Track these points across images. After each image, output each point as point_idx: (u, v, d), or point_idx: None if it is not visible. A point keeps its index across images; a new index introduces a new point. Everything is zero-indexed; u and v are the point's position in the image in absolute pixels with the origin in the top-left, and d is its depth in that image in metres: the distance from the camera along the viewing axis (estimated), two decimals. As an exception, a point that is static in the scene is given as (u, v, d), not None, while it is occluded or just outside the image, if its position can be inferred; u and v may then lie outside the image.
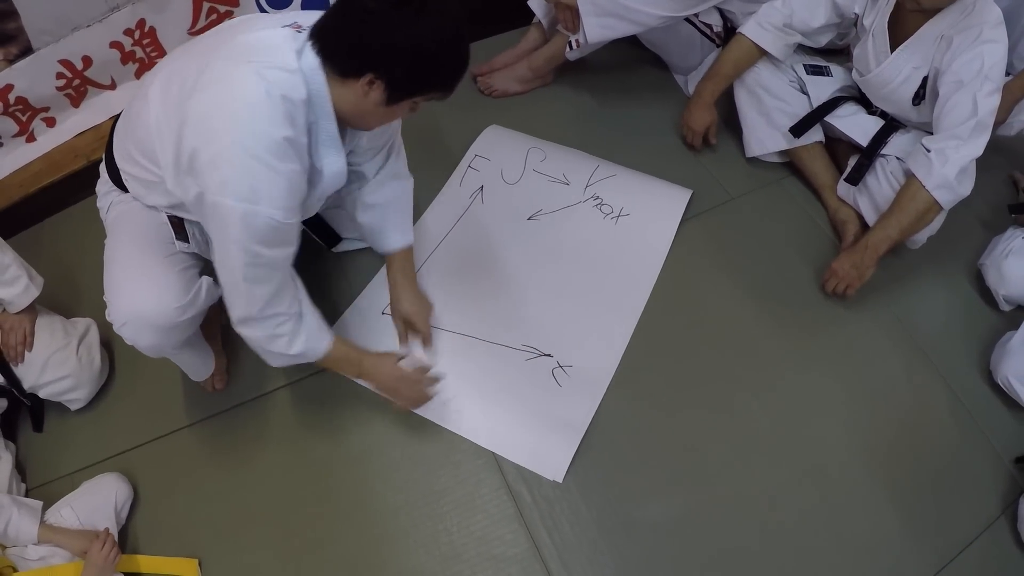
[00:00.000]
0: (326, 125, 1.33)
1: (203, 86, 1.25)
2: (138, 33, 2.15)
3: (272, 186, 1.25)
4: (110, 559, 1.55)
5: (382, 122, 1.42)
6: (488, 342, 1.89)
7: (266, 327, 1.43)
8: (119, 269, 1.51)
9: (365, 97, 1.29)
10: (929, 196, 1.82)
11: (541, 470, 1.73)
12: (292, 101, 1.25)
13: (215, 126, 1.23)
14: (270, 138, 1.23)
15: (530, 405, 1.79)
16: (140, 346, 1.51)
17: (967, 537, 1.72)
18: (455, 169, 2.21)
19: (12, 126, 2.11)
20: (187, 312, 1.50)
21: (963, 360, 1.96)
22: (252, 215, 1.24)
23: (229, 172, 1.23)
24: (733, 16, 2.26)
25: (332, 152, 1.38)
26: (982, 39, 1.77)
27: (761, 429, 1.81)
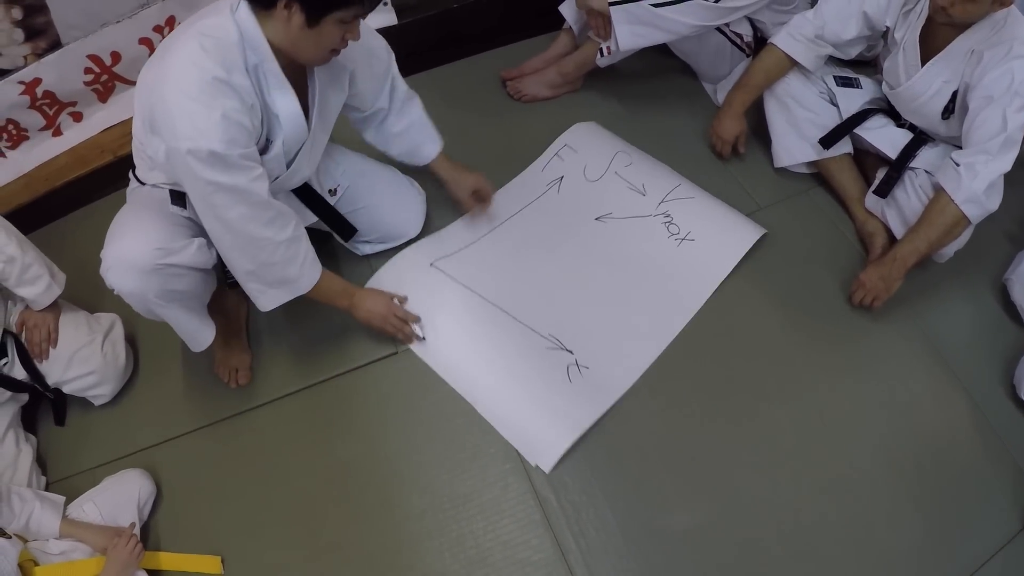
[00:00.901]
0: (269, 66, 1.41)
1: (154, 59, 1.43)
2: (167, 30, 2.16)
3: (207, 120, 1.33)
4: (134, 555, 1.55)
5: (320, 50, 1.42)
6: (517, 321, 1.91)
7: (256, 254, 1.52)
8: (114, 226, 1.56)
9: (289, 24, 1.35)
10: (958, 210, 1.82)
11: (527, 453, 1.75)
12: (223, 43, 1.35)
13: (161, 85, 1.35)
14: (201, 79, 1.33)
15: (535, 390, 1.82)
16: (124, 292, 1.53)
17: (988, 551, 1.71)
18: (542, 154, 2.25)
19: (39, 120, 2.12)
20: (168, 257, 1.50)
21: (987, 375, 1.95)
22: (197, 150, 1.34)
23: (175, 117, 1.34)
24: (764, 26, 2.27)
25: (283, 93, 1.45)
26: (1012, 55, 1.78)
27: (786, 439, 1.81)
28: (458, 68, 2.41)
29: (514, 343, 1.88)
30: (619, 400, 1.82)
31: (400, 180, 2.01)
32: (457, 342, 1.89)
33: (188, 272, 1.56)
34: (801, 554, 1.66)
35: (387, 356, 1.89)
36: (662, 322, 1.95)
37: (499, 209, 2.11)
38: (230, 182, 1.39)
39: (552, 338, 1.89)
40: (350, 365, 1.88)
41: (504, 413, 1.80)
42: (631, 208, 2.13)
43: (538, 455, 1.74)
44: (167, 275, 1.52)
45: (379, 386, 1.84)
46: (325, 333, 1.91)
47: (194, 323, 1.70)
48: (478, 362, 1.86)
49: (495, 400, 1.81)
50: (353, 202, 1.90)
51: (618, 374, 1.86)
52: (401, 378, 1.86)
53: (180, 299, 1.61)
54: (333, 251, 2.02)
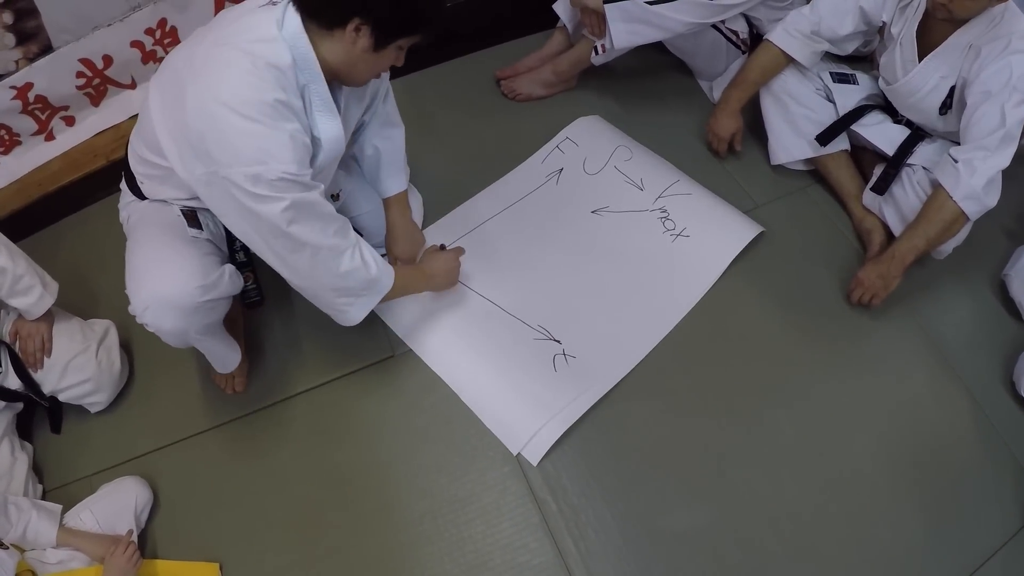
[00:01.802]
0: (317, 88, 1.36)
1: (195, 74, 1.30)
2: (159, 32, 2.14)
3: (276, 143, 1.29)
4: (131, 563, 1.54)
5: (372, 72, 1.42)
6: (506, 312, 1.92)
7: (336, 264, 1.46)
8: (139, 259, 1.51)
9: (353, 46, 1.31)
10: (956, 207, 1.81)
11: (509, 443, 1.76)
12: (278, 67, 1.29)
13: (212, 107, 1.26)
14: (263, 102, 1.27)
15: (518, 379, 1.82)
16: (163, 330, 1.49)
17: (989, 549, 1.71)
18: (543, 146, 2.25)
19: (31, 124, 2.10)
20: (209, 293, 1.48)
21: (987, 371, 1.95)
22: (268, 173, 1.28)
23: (236, 142, 1.27)
24: (759, 23, 2.26)
25: (327, 116, 1.41)
26: (1011, 50, 1.76)
27: (785, 438, 1.80)
28: (452, 67, 2.39)
29: (502, 333, 1.89)
30: (616, 400, 1.82)
31: None
32: (445, 332, 1.90)
33: (223, 301, 1.57)
34: (802, 554, 1.66)
35: (383, 359, 1.88)
36: (655, 317, 1.95)
37: (496, 199, 2.12)
38: (307, 199, 1.35)
39: (541, 329, 1.90)
40: (346, 369, 1.87)
41: (486, 401, 1.81)
42: (628, 202, 2.13)
43: (520, 444, 1.75)
44: (207, 310, 1.51)
45: (376, 390, 1.83)
46: (320, 338, 1.91)
47: (224, 347, 1.72)
48: (464, 351, 1.87)
49: (478, 389, 1.83)
50: (354, 208, 1.89)
51: (607, 365, 1.86)
52: (397, 381, 1.85)
53: (215, 328, 1.62)
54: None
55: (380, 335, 1.91)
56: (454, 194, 2.15)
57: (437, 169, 2.16)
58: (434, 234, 2.04)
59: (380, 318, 1.91)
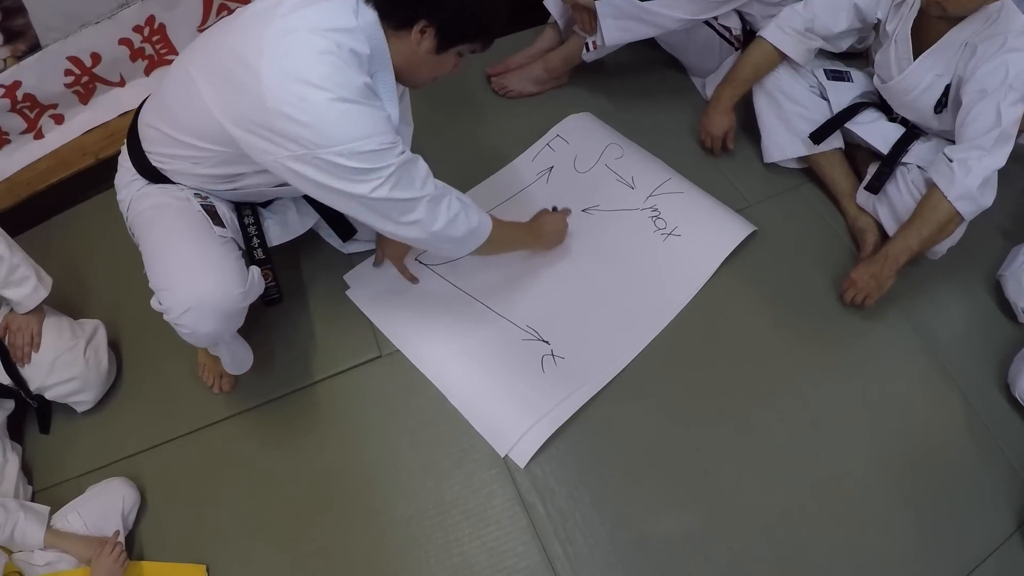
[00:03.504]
0: (385, 77, 1.39)
1: (273, 59, 1.28)
2: (148, 30, 2.13)
3: (374, 119, 1.32)
4: (118, 564, 1.55)
5: (431, 75, 1.47)
6: (495, 312, 1.91)
7: (443, 213, 1.48)
8: (173, 257, 1.49)
9: (418, 46, 1.37)
10: (951, 207, 1.79)
11: (496, 444, 1.75)
12: (359, 55, 1.32)
13: (302, 90, 1.26)
14: (355, 84, 1.29)
15: (506, 380, 1.82)
16: (200, 334, 1.49)
17: (982, 552, 1.70)
18: (533, 144, 2.24)
19: (20, 123, 2.10)
20: (248, 298, 1.52)
21: (981, 373, 1.93)
22: (373, 147, 1.31)
23: (333, 122, 1.28)
24: (753, 19, 2.24)
25: (390, 105, 1.41)
26: (1007, 48, 1.74)
27: (777, 441, 1.79)
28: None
29: (490, 334, 1.88)
30: (605, 403, 1.80)
31: None
32: (432, 332, 1.89)
33: None
34: (793, 558, 1.65)
35: (371, 360, 1.87)
36: (645, 317, 1.93)
37: (486, 197, 2.10)
38: (406, 160, 1.37)
39: (529, 329, 1.89)
40: (334, 369, 1.86)
41: (473, 402, 1.80)
42: (618, 201, 2.11)
43: (508, 446, 1.74)
44: (242, 313, 1.54)
45: (363, 390, 1.83)
46: (307, 339, 1.90)
47: (244, 348, 1.74)
48: (452, 351, 1.86)
49: (466, 390, 1.82)
50: None
51: (596, 366, 1.84)
52: (385, 382, 1.84)
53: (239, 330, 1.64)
54: (315, 247, 2.01)
55: (367, 335, 1.90)
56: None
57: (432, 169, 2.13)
58: None
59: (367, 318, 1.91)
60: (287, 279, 1.73)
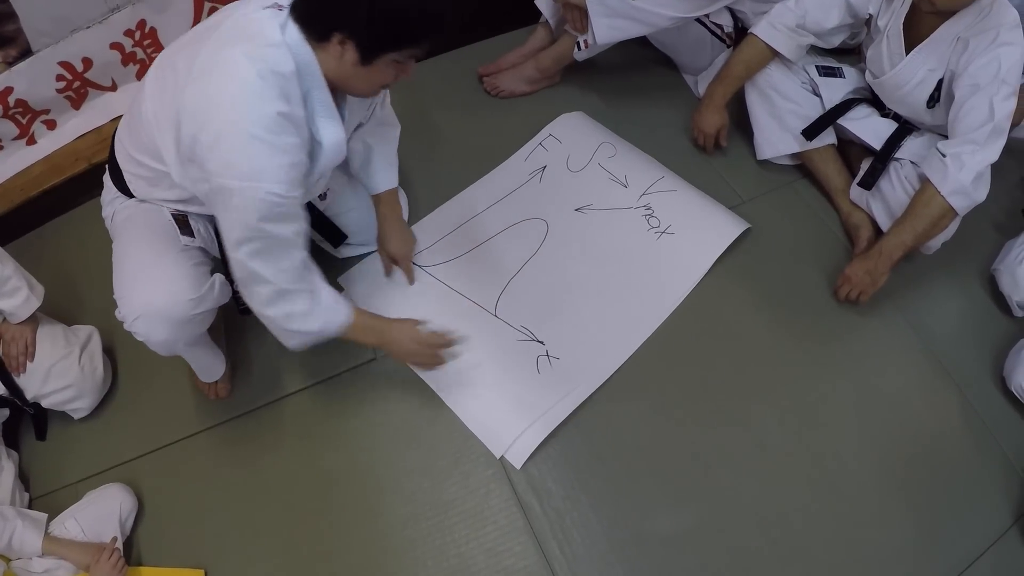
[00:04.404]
0: (319, 95, 1.34)
1: (196, 75, 1.28)
2: (139, 34, 2.13)
3: (271, 161, 1.27)
4: (116, 570, 1.55)
5: (370, 86, 1.39)
6: (489, 313, 1.91)
7: (282, 306, 1.44)
8: (130, 265, 1.50)
9: (341, 59, 1.30)
10: (944, 202, 1.79)
11: (492, 446, 1.75)
12: (282, 75, 1.27)
13: (211, 111, 1.25)
14: (264, 115, 1.25)
15: (501, 380, 1.81)
16: (153, 341, 1.49)
17: (979, 547, 1.70)
18: (526, 143, 2.23)
19: (12, 129, 2.09)
20: (200, 305, 1.49)
21: (976, 367, 1.93)
22: (255, 191, 1.26)
23: (229, 153, 1.25)
24: (744, 16, 2.24)
25: (329, 122, 1.38)
26: (999, 42, 1.74)
27: (772, 438, 1.79)
28: (433, 65, 2.35)
29: (484, 334, 1.87)
30: (601, 402, 1.80)
31: None
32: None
33: (211, 312, 1.56)
34: (790, 554, 1.65)
35: (366, 362, 1.87)
36: (639, 316, 1.93)
37: (479, 198, 2.10)
38: (279, 234, 1.34)
39: (524, 330, 1.89)
40: (329, 373, 1.86)
41: (469, 404, 1.80)
42: (611, 200, 2.11)
43: (504, 447, 1.74)
44: (197, 322, 1.52)
45: (359, 393, 1.83)
46: (304, 341, 1.90)
47: (210, 356, 1.72)
48: None
49: (461, 391, 1.81)
50: (340, 205, 1.88)
51: (591, 366, 1.85)
52: (380, 384, 1.84)
53: (202, 338, 1.62)
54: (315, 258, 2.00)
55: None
56: (437, 192, 2.13)
57: (419, 167, 2.14)
58: (418, 234, 2.02)
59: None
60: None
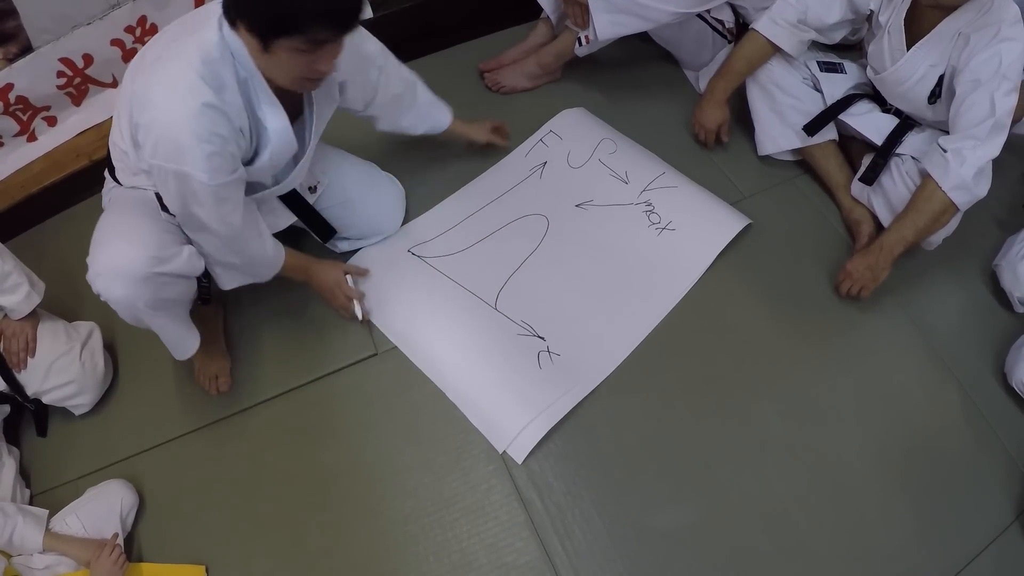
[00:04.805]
0: (257, 83, 1.39)
1: (147, 65, 1.39)
2: (139, 30, 2.13)
3: (194, 149, 1.34)
4: (117, 566, 1.55)
5: (286, 75, 1.38)
6: (491, 307, 1.91)
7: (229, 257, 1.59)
8: (101, 231, 1.54)
9: (250, 46, 1.34)
10: (945, 197, 1.79)
11: (495, 440, 1.75)
12: (212, 61, 1.33)
13: (147, 100, 1.34)
14: (189, 106, 1.31)
15: (503, 376, 1.81)
16: (112, 299, 1.49)
17: (980, 543, 1.70)
18: (527, 139, 2.23)
19: (13, 125, 2.09)
20: (161, 265, 1.48)
21: (978, 363, 1.93)
22: (181, 175, 1.37)
23: (158, 137, 1.34)
24: (746, 12, 2.23)
25: (271, 109, 1.43)
26: (1000, 37, 1.74)
27: (774, 433, 1.79)
28: (435, 61, 2.36)
29: (485, 329, 1.88)
30: (603, 398, 1.80)
31: (379, 176, 2.00)
32: (429, 328, 1.89)
33: (177, 280, 1.55)
34: (792, 550, 1.65)
35: (367, 358, 1.87)
36: (640, 313, 1.93)
37: (480, 194, 2.11)
38: (203, 216, 1.45)
39: (525, 325, 1.89)
40: (331, 368, 1.86)
41: (472, 398, 1.80)
42: (612, 196, 2.11)
43: (506, 442, 1.73)
44: (158, 283, 1.50)
45: (360, 388, 1.82)
46: (304, 336, 1.90)
47: (180, 331, 1.68)
48: (448, 347, 1.87)
49: (463, 385, 1.82)
50: (332, 198, 1.88)
51: (592, 362, 1.85)
52: (381, 380, 1.84)
53: (168, 307, 1.59)
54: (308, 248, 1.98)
55: (363, 333, 1.90)
56: (437, 187, 2.13)
57: (420, 163, 2.14)
58: (414, 232, 2.03)
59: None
60: (281, 277, 1.74)
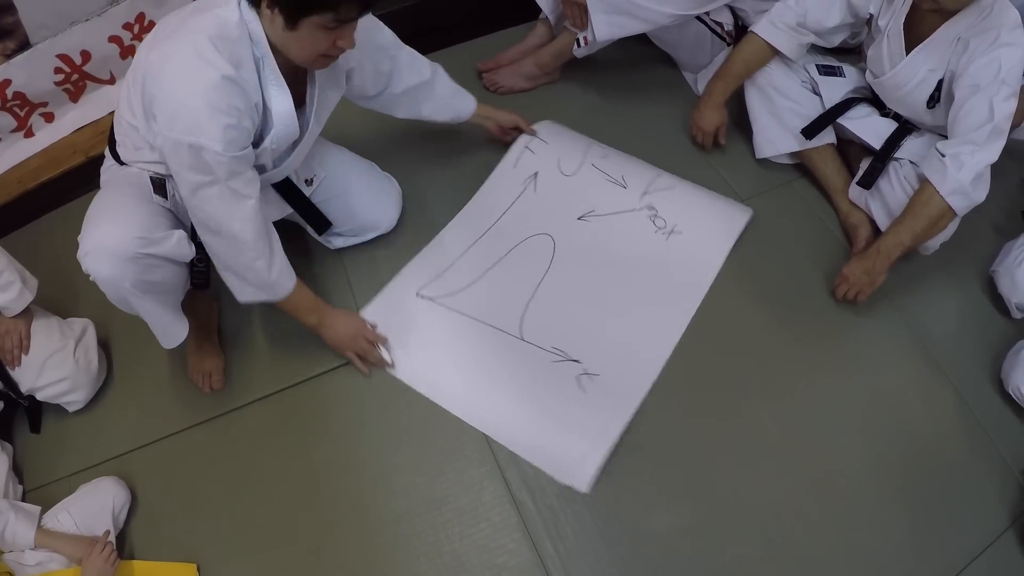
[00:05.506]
0: (268, 62, 1.42)
1: (162, 38, 1.40)
2: (137, 27, 2.13)
3: (211, 120, 1.35)
4: (109, 564, 1.54)
5: (305, 53, 1.41)
6: (517, 338, 1.85)
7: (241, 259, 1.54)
8: (92, 211, 1.55)
9: (273, 24, 1.36)
10: (943, 202, 1.79)
11: (558, 475, 1.69)
12: (230, 39, 1.36)
13: (165, 72, 1.35)
14: (208, 78, 1.33)
15: (549, 407, 1.76)
16: (99, 278, 1.49)
17: (975, 549, 1.69)
18: (509, 148, 2.16)
19: (10, 121, 2.09)
20: (149, 247, 1.48)
21: (974, 369, 1.93)
22: (196, 147, 1.36)
23: (175, 109, 1.35)
24: (745, 14, 2.23)
25: (277, 91, 1.45)
26: (999, 42, 1.74)
27: (769, 437, 1.78)
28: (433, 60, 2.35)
29: (518, 363, 1.81)
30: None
31: (377, 174, 1.99)
32: (459, 373, 1.81)
33: (166, 264, 1.55)
34: (785, 554, 1.65)
35: (361, 358, 1.86)
36: (665, 319, 1.90)
37: (476, 219, 2.04)
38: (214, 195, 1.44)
39: (556, 351, 1.84)
40: (325, 367, 1.85)
41: (523, 439, 1.73)
42: (613, 203, 2.07)
43: (570, 474, 1.68)
44: (145, 265, 1.50)
45: (353, 388, 1.82)
46: (298, 335, 1.87)
47: (168, 318, 1.67)
48: (485, 390, 1.79)
49: (511, 427, 1.75)
50: (328, 192, 1.88)
51: (631, 377, 1.81)
52: (375, 379, 1.83)
53: (155, 291, 1.58)
54: (305, 247, 2.01)
55: (357, 333, 1.89)
56: (435, 189, 2.12)
57: (418, 163, 2.14)
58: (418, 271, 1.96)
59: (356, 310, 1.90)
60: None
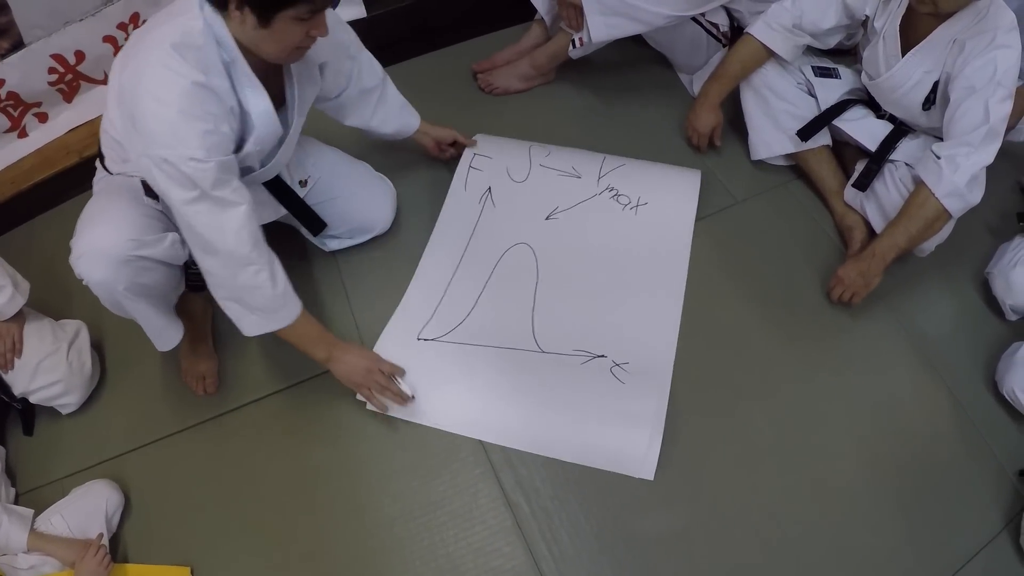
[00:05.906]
0: (239, 65, 1.39)
1: (131, 56, 1.37)
2: (132, 27, 2.13)
3: (189, 128, 1.32)
4: (102, 567, 1.54)
5: (281, 48, 1.38)
6: (539, 352, 1.84)
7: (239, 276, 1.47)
8: (86, 214, 1.54)
9: (244, 25, 1.33)
10: (938, 204, 1.79)
11: (627, 470, 1.69)
12: (195, 46, 1.33)
13: (137, 89, 1.32)
14: (179, 86, 1.30)
15: (596, 408, 1.75)
16: (92, 281, 1.49)
17: (969, 551, 1.69)
18: (455, 173, 2.12)
19: (4, 121, 2.09)
20: (142, 249, 1.48)
21: (968, 371, 1.93)
22: (177, 159, 1.32)
23: (152, 125, 1.32)
24: (740, 16, 2.23)
25: (253, 92, 1.43)
26: (995, 44, 1.73)
27: (764, 439, 1.78)
28: (428, 61, 2.36)
29: (550, 376, 1.80)
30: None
31: (371, 174, 1.99)
32: (493, 402, 1.78)
33: (159, 266, 1.55)
34: (780, 557, 1.65)
35: (356, 360, 1.86)
36: (661, 288, 1.95)
37: (444, 253, 2.00)
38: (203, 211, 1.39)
39: (580, 352, 1.84)
40: (319, 369, 1.81)
41: (586, 449, 1.72)
42: (574, 195, 2.07)
43: (635, 466, 1.69)
44: (138, 267, 1.50)
45: (348, 390, 1.80)
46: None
47: (161, 320, 1.67)
48: (526, 411, 1.76)
49: (568, 441, 1.73)
50: (323, 193, 1.87)
51: (656, 355, 1.84)
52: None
53: (149, 294, 1.58)
54: (300, 251, 2.01)
55: (351, 335, 1.89)
56: (429, 189, 2.12)
57: (412, 163, 2.14)
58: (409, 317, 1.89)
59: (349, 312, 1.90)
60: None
